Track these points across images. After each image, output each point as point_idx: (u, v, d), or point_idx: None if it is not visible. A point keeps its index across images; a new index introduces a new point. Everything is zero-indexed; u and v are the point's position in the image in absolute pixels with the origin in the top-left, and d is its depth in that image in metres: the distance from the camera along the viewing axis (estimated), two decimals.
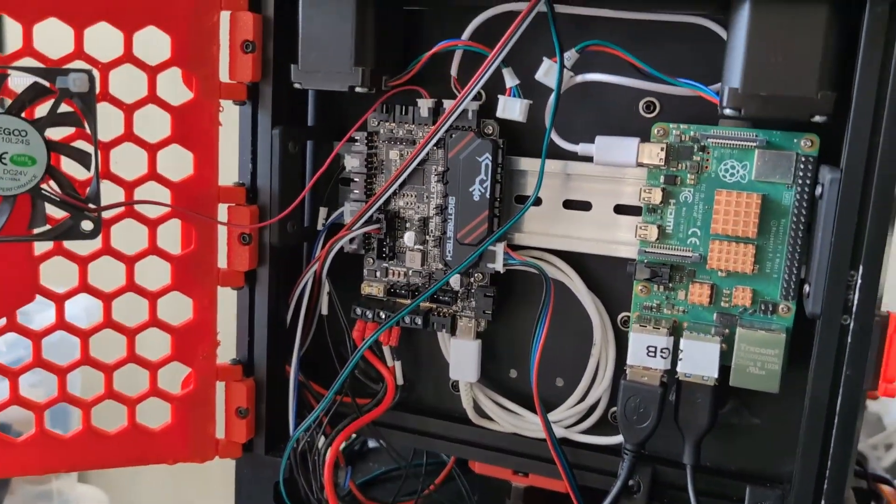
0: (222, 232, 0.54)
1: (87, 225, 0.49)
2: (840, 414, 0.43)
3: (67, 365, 0.52)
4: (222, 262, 0.55)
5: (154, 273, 0.54)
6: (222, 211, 0.54)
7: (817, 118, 0.42)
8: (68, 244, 0.50)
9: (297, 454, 0.57)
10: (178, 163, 0.53)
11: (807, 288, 0.45)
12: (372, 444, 0.74)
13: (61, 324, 0.52)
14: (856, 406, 0.43)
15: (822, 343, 0.44)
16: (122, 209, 0.51)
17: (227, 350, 0.57)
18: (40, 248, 0.50)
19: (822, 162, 0.45)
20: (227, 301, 0.57)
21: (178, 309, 0.55)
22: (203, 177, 0.53)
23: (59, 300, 0.51)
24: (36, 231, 0.48)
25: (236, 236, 0.54)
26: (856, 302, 0.42)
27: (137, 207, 0.51)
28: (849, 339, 0.43)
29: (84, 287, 0.52)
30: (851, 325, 0.43)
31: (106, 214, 0.50)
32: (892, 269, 0.45)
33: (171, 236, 0.54)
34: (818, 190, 0.44)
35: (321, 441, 0.57)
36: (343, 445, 0.71)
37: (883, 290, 0.44)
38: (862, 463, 0.78)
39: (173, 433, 0.55)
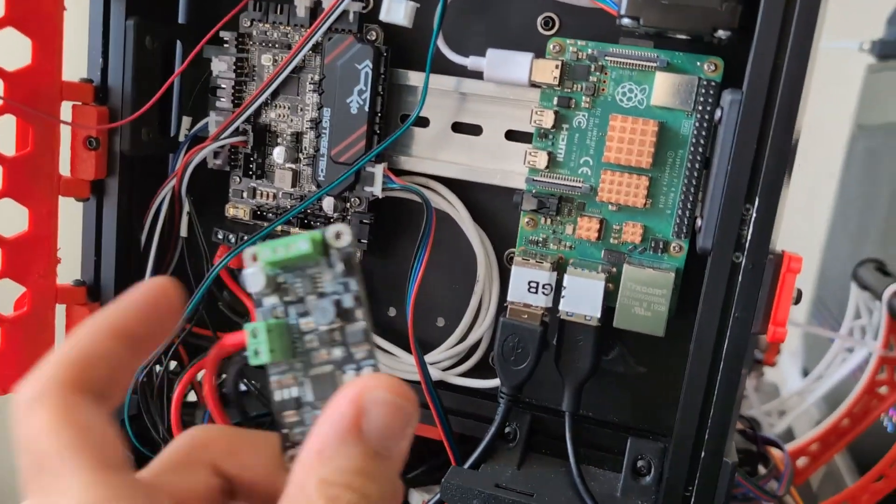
0: (66, 134, 0.48)
1: None
2: (726, 358, 0.40)
3: None
4: (65, 170, 0.49)
5: None
6: (66, 110, 0.47)
7: (720, 33, 0.39)
8: None
9: (152, 391, 0.52)
10: (13, 50, 0.46)
11: (699, 222, 0.42)
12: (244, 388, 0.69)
13: None
14: (743, 350, 0.40)
15: (710, 281, 0.40)
16: None
17: (71, 270, 0.51)
18: None
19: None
20: (74, 215, 0.51)
21: (10, 220, 0.48)
22: (44, 68, 0.46)
23: None
24: None
25: (81, 140, 0.48)
26: (749, 238, 0.39)
27: None
28: (739, 278, 0.39)
29: None
30: (743, 262, 0.39)
31: None
32: (787, 209, 0.42)
33: (3, 135, 0.47)
34: (717, 114, 0.41)
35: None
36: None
37: (779, 229, 0.41)
38: (754, 427, 0.77)
39: (5, 359, 0.49)
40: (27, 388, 0.22)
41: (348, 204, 0.49)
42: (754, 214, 0.39)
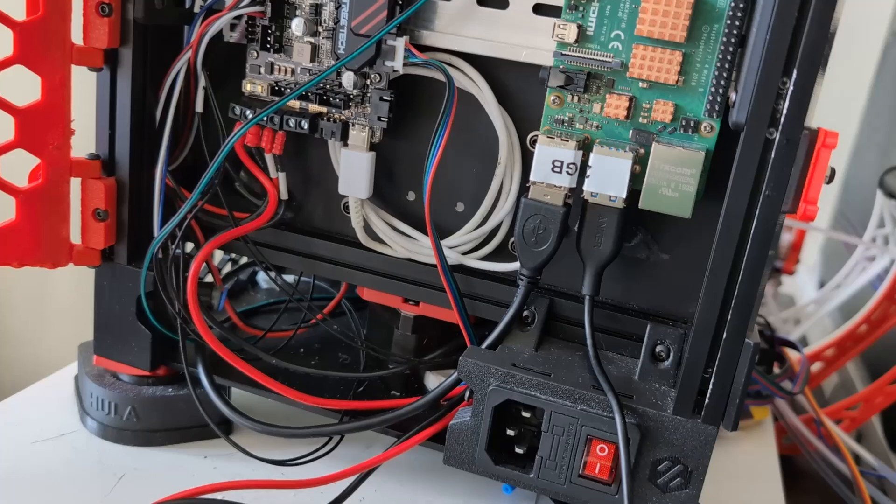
0: (78, 1, 0.46)
1: None
2: (754, 237, 0.39)
3: None
4: (78, 39, 0.47)
5: None
6: None
7: None
8: None
9: (166, 268, 0.51)
10: None
11: (733, 96, 0.40)
12: (262, 282, 0.69)
13: None
14: (772, 228, 0.39)
15: (742, 157, 0.39)
16: None
17: (85, 144, 0.50)
18: None
19: None
20: (88, 86, 0.50)
21: (24, 90, 0.47)
22: None
23: None
24: None
25: (94, 6, 0.46)
26: (784, 112, 0.37)
27: None
28: (772, 154, 0.38)
29: None
30: (777, 138, 0.38)
31: None
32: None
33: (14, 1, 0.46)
34: None
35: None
36: (227, 273, 0.66)
37: (815, 107, 0.40)
38: (771, 328, 0.76)
39: (19, 232, 0.48)
40: None
41: (368, 80, 0.48)
42: (791, 88, 0.37)
